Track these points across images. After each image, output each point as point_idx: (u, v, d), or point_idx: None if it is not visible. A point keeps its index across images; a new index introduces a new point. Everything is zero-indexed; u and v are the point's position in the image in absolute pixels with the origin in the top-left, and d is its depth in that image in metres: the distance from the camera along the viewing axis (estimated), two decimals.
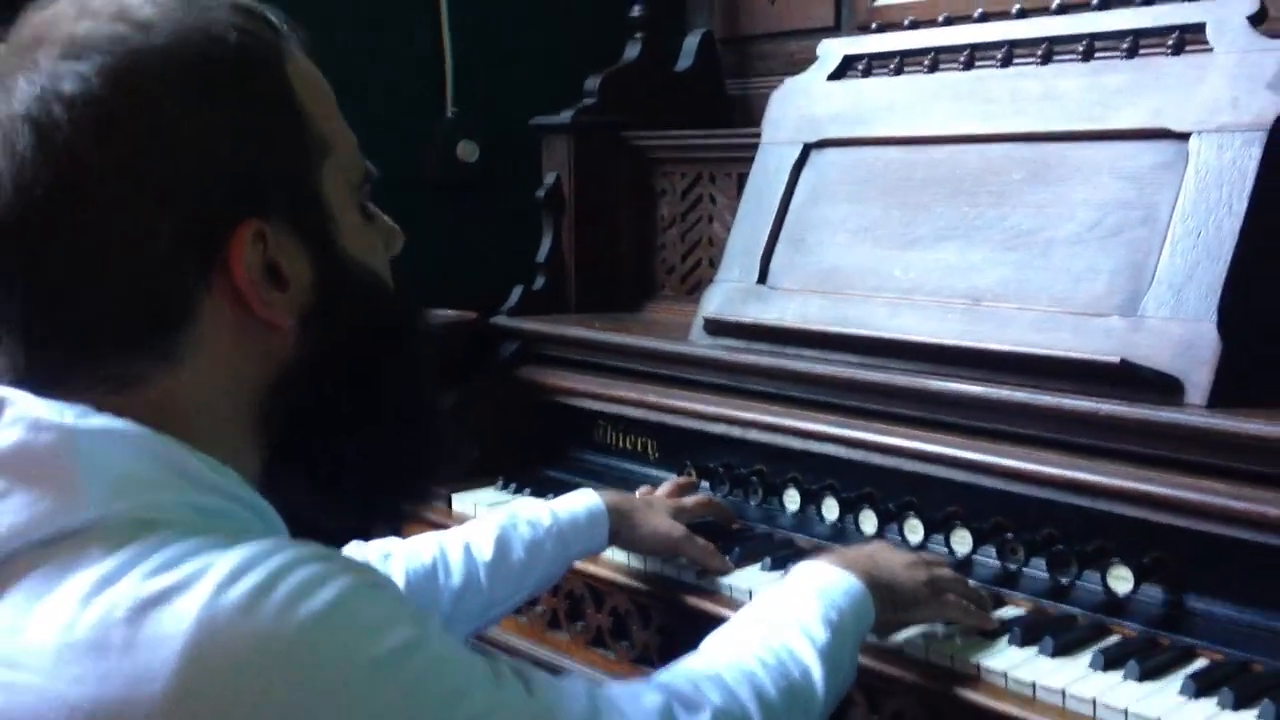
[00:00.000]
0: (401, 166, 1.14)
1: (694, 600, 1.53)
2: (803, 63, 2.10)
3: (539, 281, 2.18)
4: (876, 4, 2.07)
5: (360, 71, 2.42)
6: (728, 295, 1.82)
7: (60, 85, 0.79)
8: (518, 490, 1.87)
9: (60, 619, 0.72)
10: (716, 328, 1.79)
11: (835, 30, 2.14)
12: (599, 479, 1.86)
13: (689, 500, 1.66)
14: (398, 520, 1.03)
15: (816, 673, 1.09)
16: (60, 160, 0.79)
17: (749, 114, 2.27)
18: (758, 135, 1.93)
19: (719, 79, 2.34)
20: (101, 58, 0.80)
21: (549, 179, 2.19)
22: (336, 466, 0.93)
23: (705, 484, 1.75)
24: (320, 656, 0.74)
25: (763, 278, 1.79)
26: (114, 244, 0.80)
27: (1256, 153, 1.36)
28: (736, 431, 1.72)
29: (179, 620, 0.71)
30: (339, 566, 0.79)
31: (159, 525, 0.77)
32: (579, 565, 1.62)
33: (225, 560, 0.74)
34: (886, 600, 1.24)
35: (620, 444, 1.94)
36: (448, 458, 1.01)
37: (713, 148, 2.11)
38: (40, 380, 0.83)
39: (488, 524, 1.45)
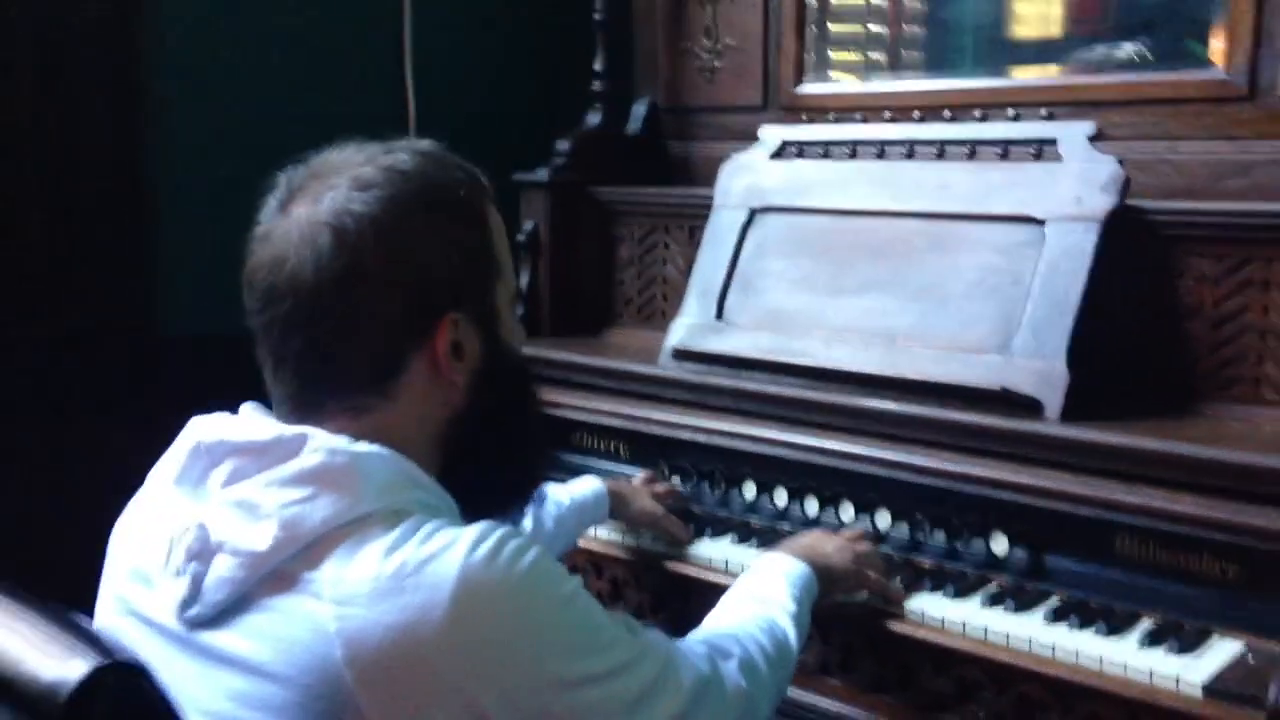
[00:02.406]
0: None
1: (678, 567, 2.00)
2: (736, 132, 2.60)
3: (519, 310, 2.62)
4: (798, 91, 2.57)
5: (325, 114, 2.82)
6: (690, 330, 2.29)
7: (352, 206, 1.20)
8: None
9: (368, 571, 1.11)
10: (683, 355, 2.26)
11: (763, 109, 2.62)
12: (579, 475, 2.30)
13: (659, 487, 2.14)
14: (522, 506, 1.46)
15: (792, 634, 1.54)
16: (347, 255, 1.20)
17: (689, 172, 2.74)
18: (706, 196, 2.40)
19: (663, 141, 2.80)
20: (379, 191, 1.22)
21: (528, 226, 2.63)
22: (487, 473, 1.35)
23: (676, 479, 2.21)
24: (535, 594, 1.16)
25: (719, 315, 2.26)
26: (369, 315, 1.22)
27: (1094, 238, 1.89)
28: (701, 438, 2.18)
29: (449, 569, 1.12)
30: (529, 539, 1.20)
31: (407, 514, 1.17)
32: (581, 544, 2.08)
33: (468, 533, 1.15)
34: (825, 579, 1.70)
35: (596, 447, 2.38)
36: (546, 466, 1.46)
37: (668, 204, 2.58)
38: (305, 406, 1.23)
39: None
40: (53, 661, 1.02)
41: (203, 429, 1.23)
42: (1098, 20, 2.27)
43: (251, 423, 1.23)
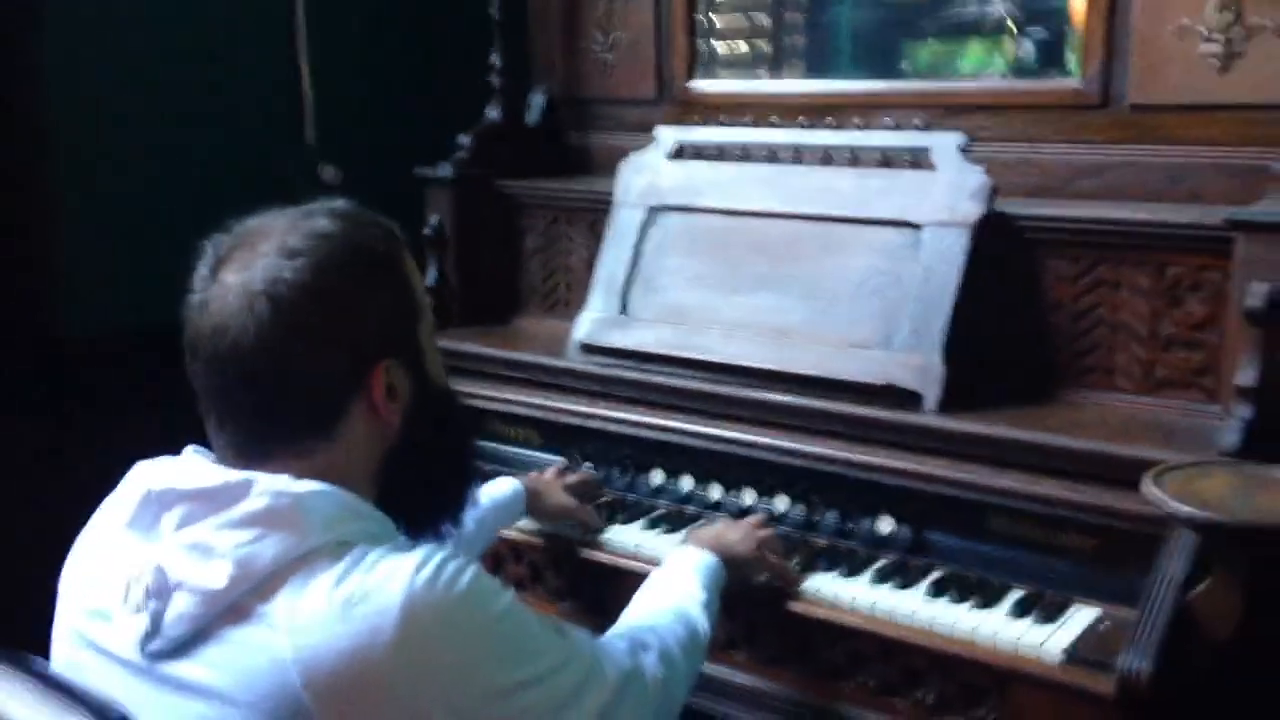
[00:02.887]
0: (263, 184, 1.56)
1: (593, 553, 2.15)
2: (632, 124, 2.73)
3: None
4: (689, 87, 2.70)
5: (220, 113, 2.88)
6: (596, 323, 2.42)
7: (283, 273, 1.31)
8: None
9: (320, 602, 1.24)
10: (589, 349, 2.39)
11: (657, 102, 2.75)
12: (494, 461, 2.43)
13: (571, 478, 2.28)
14: (456, 523, 1.60)
15: (703, 622, 1.71)
16: (286, 321, 1.30)
17: (588, 160, 2.86)
18: (605, 191, 2.52)
19: (561, 131, 2.90)
20: (307, 258, 1.32)
21: (434, 220, 2.72)
22: (424, 497, 1.49)
23: (589, 464, 2.36)
24: (474, 611, 1.30)
25: (624, 309, 2.40)
26: (310, 374, 1.33)
27: (965, 241, 2.07)
28: (610, 427, 2.32)
29: (394, 594, 1.24)
30: (466, 560, 1.35)
31: (352, 544, 1.30)
32: (502, 532, 2.22)
33: (409, 558, 1.28)
34: (731, 567, 1.86)
35: (510, 435, 2.51)
36: (476, 484, 1.61)
37: (568, 197, 2.69)
38: (250, 454, 1.34)
39: None
40: None
41: (151, 476, 1.33)
42: None
43: (198, 469, 1.34)
